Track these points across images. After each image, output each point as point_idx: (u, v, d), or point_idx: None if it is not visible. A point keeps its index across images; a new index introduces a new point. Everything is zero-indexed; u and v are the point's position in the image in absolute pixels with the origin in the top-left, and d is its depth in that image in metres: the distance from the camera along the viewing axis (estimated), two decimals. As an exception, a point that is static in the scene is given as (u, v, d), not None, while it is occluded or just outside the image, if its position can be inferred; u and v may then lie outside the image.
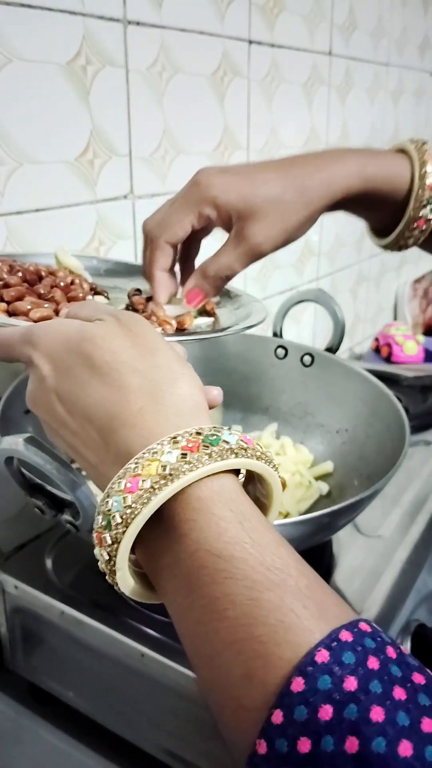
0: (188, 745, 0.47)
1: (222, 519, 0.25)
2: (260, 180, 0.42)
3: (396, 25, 1.26)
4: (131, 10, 0.65)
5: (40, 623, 0.53)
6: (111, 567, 0.26)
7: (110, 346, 0.29)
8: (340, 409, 0.64)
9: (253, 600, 0.23)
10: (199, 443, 0.25)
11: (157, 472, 0.25)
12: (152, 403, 0.27)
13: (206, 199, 0.42)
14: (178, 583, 0.25)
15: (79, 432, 0.29)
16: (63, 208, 0.63)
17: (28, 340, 0.32)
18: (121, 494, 0.25)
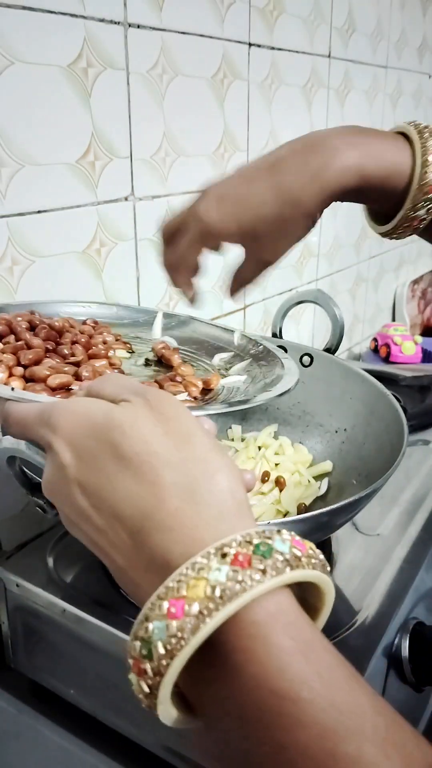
0: (188, 743, 0.48)
1: (283, 650, 0.22)
2: (256, 204, 0.42)
3: (395, 27, 1.26)
4: (132, 13, 0.66)
5: (41, 621, 0.53)
6: (152, 700, 0.23)
7: (141, 435, 0.26)
8: (339, 409, 0.65)
9: (328, 753, 0.20)
10: (250, 556, 0.22)
11: (205, 594, 0.22)
12: (190, 503, 0.24)
13: (209, 236, 0.43)
14: (233, 722, 0.22)
15: (106, 530, 0.26)
16: (64, 209, 0.64)
17: (46, 421, 0.29)
18: (164, 620, 0.22)
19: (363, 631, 0.48)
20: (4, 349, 0.41)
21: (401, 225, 0.45)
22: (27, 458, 0.38)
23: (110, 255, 0.70)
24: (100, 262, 0.69)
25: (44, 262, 0.63)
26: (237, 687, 0.22)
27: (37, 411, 0.30)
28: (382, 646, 0.48)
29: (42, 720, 0.55)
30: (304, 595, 0.25)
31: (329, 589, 0.25)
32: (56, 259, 0.64)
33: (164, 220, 0.47)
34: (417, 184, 0.42)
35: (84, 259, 0.67)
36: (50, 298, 0.59)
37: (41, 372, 0.38)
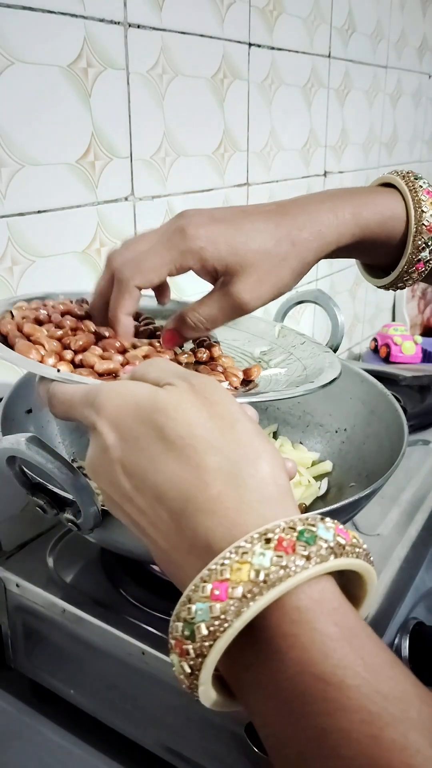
0: (188, 742, 0.48)
1: (327, 636, 0.22)
2: (251, 231, 0.39)
3: (394, 27, 1.26)
4: (132, 13, 0.66)
5: (41, 621, 0.53)
6: (193, 681, 0.23)
7: (185, 418, 0.26)
8: (338, 409, 0.65)
9: (373, 738, 0.20)
10: (294, 542, 0.22)
11: (249, 577, 0.22)
12: (233, 487, 0.24)
13: (191, 251, 0.38)
14: (275, 706, 0.22)
15: (147, 511, 0.26)
16: (64, 209, 0.64)
17: (91, 402, 0.29)
18: (207, 601, 0.22)
19: (363, 631, 0.48)
20: (50, 335, 0.40)
21: (406, 271, 0.44)
22: (27, 458, 0.38)
23: (110, 255, 0.70)
24: (101, 263, 0.69)
25: (44, 262, 0.63)
26: (279, 671, 0.22)
27: (82, 392, 0.30)
28: (382, 646, 0.48)
29: (42, 720, 0.55)
30: (345, 584, 0.25)
31: (372, 579, 0.25)
32: (56, 259, 0.64)
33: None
34: (414, 225, 0.42)
35: (84, 259, 0.67)
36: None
37: (90, 358, 0.37)
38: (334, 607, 0.23)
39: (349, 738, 0.20)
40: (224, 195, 0.86)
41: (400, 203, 0.42)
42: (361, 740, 0.20)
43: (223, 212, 0.40)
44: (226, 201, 0.87)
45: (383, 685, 0.21)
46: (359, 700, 0.21)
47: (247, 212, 0.40)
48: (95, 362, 0.38)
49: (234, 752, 0.44)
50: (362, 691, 0.21)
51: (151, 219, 0.75)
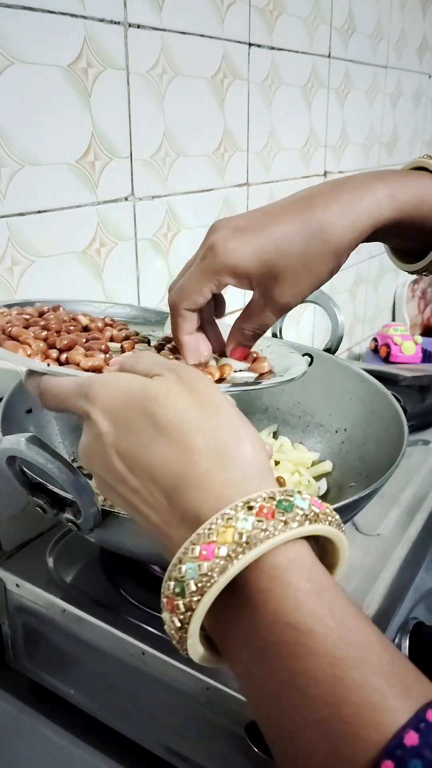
0: (188, 742, 0.48)
1: (300, 590, 0.24)
2: (280, 237, 0.38)
3: (395, 27, 1.26)
4: (132, 13, 0.66)
5: (41, 621, 0.53)
6: (182, 634, 0.25)
7: (174, 405, 0.29)
8: (338, 409, 0.65)
9: (337, 678, 0.22)
10: (274, 509, 0.25)
11: (233, 539, 0.24)
12: (219, 465, 0.27)
13: (224, 269, 0.39)
14: (252, 654, 0.25)
15: (141, 490, 0.28)
16: (64, 209, 0.64)
17: (84, 393, 0.31)
18: (196, 561, 0.24)
19: (363, 631, 0.48)
20: (36, 336, 0.41)
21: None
22: (27, 458, 0.38)
23: (110, 255, 0.70)
24: (100, 262, 0.69)
25: (44, 262, 0.63)
26: (257, 622, 0.24)
27: (74, 384, 0.33)
28: (382, 646, 0.48)
29: (42, 720, 0.55)
30: (321, 554, 0.28)
31: (343, 545, 0.27)
32: (56, 259, 0.64)
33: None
34: None
35: (84, 259, 0.67)
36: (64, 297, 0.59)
37: (75, 356, 0.39)
38: (307, 566, 0.25)
39: (316, 678, 0.23)
40: (224, 195, 0.86)
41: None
42: (327, 680, 0.23)
43: (248, 219, 0.40)
44: (226, 201, 0.87)
45: (348, 633, 0.24)
46: (326, 646, 0.23)
47: (272, 215, 0.40)
48: (80, 360, 0.39)
49: (234, 752, 0.44)
50: (329, 638, 0.23)
51: (151, 219, 0.75)
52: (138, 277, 0.75)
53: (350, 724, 0.22)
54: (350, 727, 0.22)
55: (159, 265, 0.78)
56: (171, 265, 0.79)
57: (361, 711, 0.22)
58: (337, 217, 0.39)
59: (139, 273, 0.75)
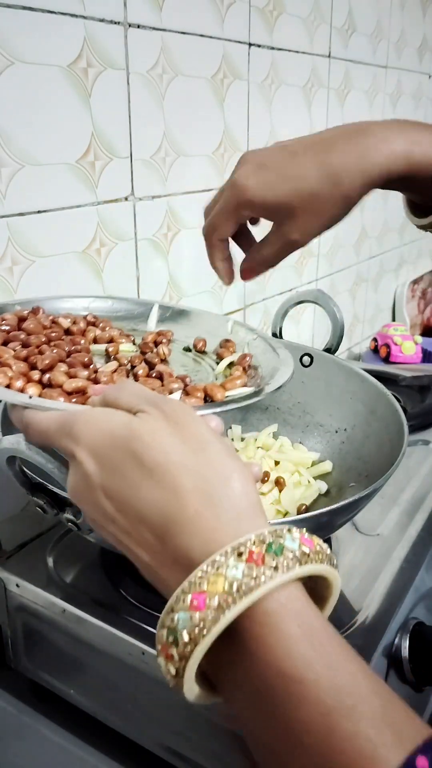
0: (188, 742, 0.48)
1: (290, 637, 0.24)
2: (296, 176, 0.41)
3: (395, 27, 1.26)
4: (132, 13, 0.66)
5: (41, 621, 0.53)
6: (178, 680, 0.26)
7: (160, 445, 0.28)
8: (338, 409, 0.65)
9: (330, 729, 0.23)
10: (263, 554, 0.25)
11: (223, 588, 0.24)
12: (208, 506, 0.27)
13: (243, 203, 0.43)
14: (247, 700, 0.25)
15: (131, 531, 0.28)
16: (64, 209, 0.64)
17: (68, 433, 0.31)
18: (188, 611, 0.24)
19: (363, 631, 0.48)
20: (16, 355, 0.41)
21: None
22: (27, 458, 0.38)
23: (110, 255, 0.70)
24: (100, 262, 0.69)
25: (44, 262, 0.63)
26: (250, 669, 0.25)
27: (57, 422, 0.32)
28: (382, 646, 0.48)
29: (42, 720, 0.55)
30: (314, 585, 0.27)
31: (335, 580, 0.27)
32: (56, 259, 0.64)
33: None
34: None
35: (84, 259, 0.67)
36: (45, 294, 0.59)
37: (58, 378, 0.38)
38: (298, 610, 0.25)
39: (309, 729, 0.23)
40: (224, 195, 0.86)
41: None
42: (320, 731, 0.23)
43: (272, 156, 0.43)
44: (226, 201, 0.87)
45: (339, 679, 0.24)
46: (318, 695, 0.23)
47: (294, 154, 0.42)
48: (63, 381, 0.38)
49: (234, 752, 0.44)
50: (320, 686, 0.23)
51: (151, 219, 0.75)
52: (138, 277, 0.75)
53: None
54: None
55: (159, 265, 0.78)
56: (171, 264, 0.79)
57: (354, 761, 0.22)
58: (352, 163, 0.40)
59: (139, 273, 0.75)
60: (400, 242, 1.51)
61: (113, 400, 0.32)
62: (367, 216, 1.33)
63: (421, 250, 1.67)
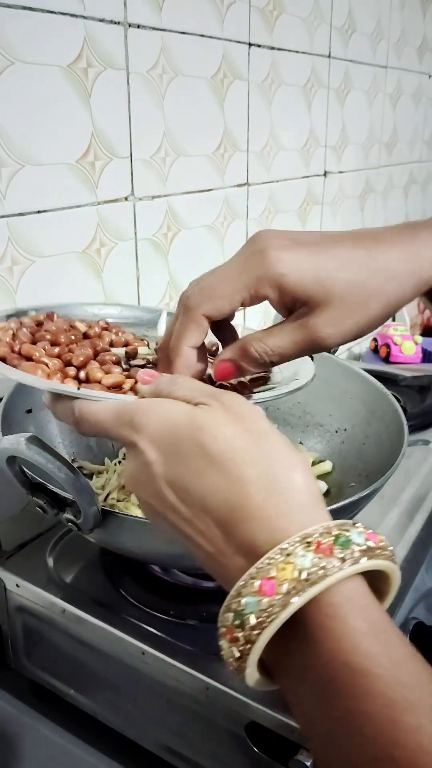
0: (188, 742, 0.48)
1: (357, 630, 0.25)
2: (339, 259, 0.34)
3: (395, 27, 1.26)
4: (132, 13, 0.66)
5: (41, 621, 0.53)
6: (241, 664, 0.26)
7: (224, 435, 0.28)
8: (338, 409, 0.65)
9: (392, 721, 0.23)
10: (332, 546, 0.26)
11: (292, 576, 0.25)
12: (273, 496, 0.27)
13: (270, 277, 0.33)
14: (309, 688, 0.26)
15: (193, 520, 0.28)
16: (64, 209, 0.64)
17: (128, 422, 0.31)
18: (256, 595, 0.25)
19: (363, 631, 0.48)
20: (48, 353, 0.40)
21: None
22: (27, 458, 0.38)
23: (110, 255, 0.70)
24: (100, 262, 0.69)
25: (44, 262, 0.63)
26: (314, 658, 0.25)
27: (115, 412, 0.32)
28: (382, 646, 0.48)
29: (42, 720, 0.55)
30: (372, 580, 0.28)
31: (396, 576, 0.28)
32: (56, 259, 0.64)
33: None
34: None
35: (84, 259, 0.67)
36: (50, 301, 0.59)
37: (96, 373, 0.38)
38: (363, 604, 0.26)
39: (371, 720, 0.23)
40: (224, 195, 0.86)
41: None
42: (383, 722, 0.23)
43: (307, 235, 0.35)
44: (226, 201, 0.87)
45: (403, 675, 0.24)
46: (382, 687, 0.24)
47: (334, 237, 0.35)
48: (101, 377, 0.38)
49: (234, 752, 0.44)
50: (385, 680, 0.24)
51: (151, 219, 0.75)
52: (138, 277, 0.75)
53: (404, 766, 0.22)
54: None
55: (159, 265, 0.78)
56: (171, 264, 0.79)
57: (416, 755, 0.22)
58: (402, 257, 0.34)
59: (139, 273, 0.75)
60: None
61: (168, 393, 0.32)
62: (368, 216, 1.33)
63: (421, 250, 1.66)
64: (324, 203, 1.14)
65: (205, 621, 0.49)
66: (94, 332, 0.47)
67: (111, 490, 0.59)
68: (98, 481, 0.61)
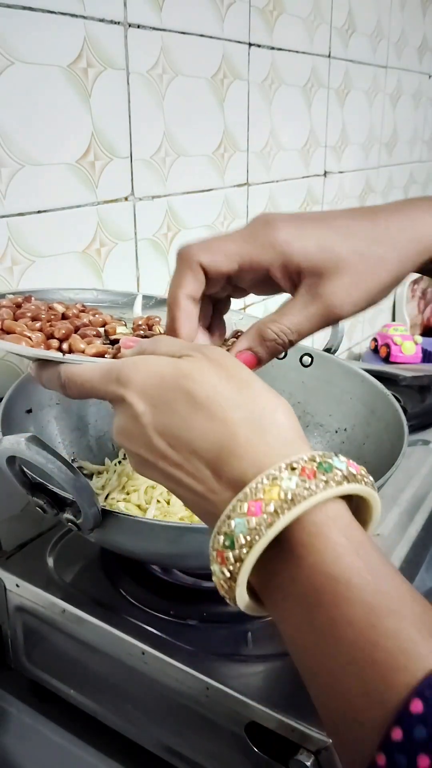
0: (188, 742, 0.48)
1: (338, 545, 0.26)
2: (344, 228, 0.34)
3: (395, 27, 1.26)
4: (132, 13, 0.66)
5: (41, 621, 0.53)
6: (231, 583, 0.27)
7: (209, 381, 0.30)
8: (339, 409, 0.65)
9: (372, 625, 0.24)
10: (315, 470, 0.27)
11: (279, 496, 0.26)
12: (258, 434, 0.28)
13: (273, 244, 0.34)
14: (294, 602, 0.27)
15: (183, 463, 0.30)
16: (64, 209, 0.64)
17: (116, 378, 0.32)
18: (244, 516, 0.26)
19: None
20: (30, 327, 0.41)
21: None
22: (27, 458, 0.38)
23: (110, 255, 0.70)
24: (100, 262, 0.69)
25: (44, 262, 0.63)
26: (299, 573, 0.26)
27: (101, 370, 0.33)
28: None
29: (42, 720, 0.55)
30: (354, 511, 0.29)
31: (376, 503, 0.29)
32: (56, 259, 0.64)
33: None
34: None
35: (84, 259, 0.67)
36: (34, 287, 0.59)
37: (78, 344, 0.38)
38: (345, 523, 0.27)
39: (352, 625, 0.24)
40: (224, 195, 0.86)
41: None
42: (363, 627, 0.24)
43: (310, 213, 0.36)
44: (226, 201, 0.87)
45: (383, 585, 0.25)
46: (362, 596, 0.25)
47: (334, 212, 0.36)
48: (84, 347, 0.38)
49: (234, 752, 0.44)
50: (365, 589, 0.25)
51: (151, 219, 0.75)
52: (138, 277, 0.75)
53: (383, 668, 0.24)
54: (383, 670, 0.24)
55: (159, 265, 0.78)
56: (171, 264, 0.79)
57: (394, 656, 0.24)
58: (404, 228, 0.35)
59: (139, 273, 0.75)
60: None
61: (152, 351, 0.33)
62: (367, 216, 1.33)
63: (421, 250, 1.66)
64: (324, 203, 1.14)
65: (205, 621, 0.49)
66: (72, 313, 0.47)
67: (111, 490, 0.59)
68: (98, 481, 0.61)
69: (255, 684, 0.44)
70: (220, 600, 0.27)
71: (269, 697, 0.42)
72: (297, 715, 0.41)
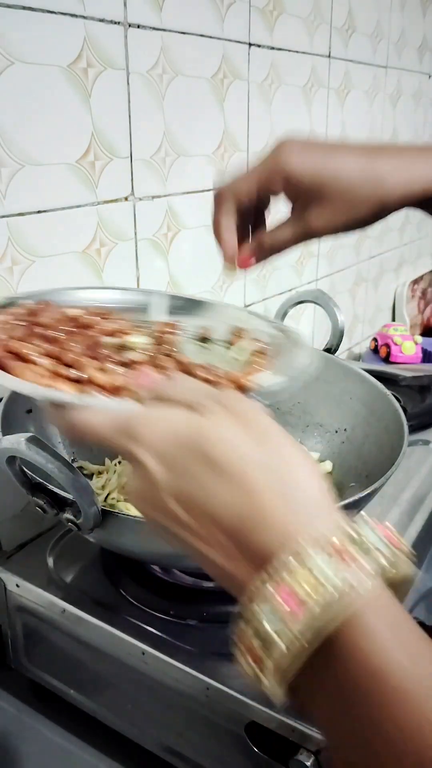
0: (188, 742, 0.48)
1: (378, 634, 0.24)
2: (341, 160, 0.41)
3: (395, 27, 1.26)
4: (132, 13, 0.66)
5: (41, 621, 0.53)
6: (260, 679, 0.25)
7: (230, 443, 0.28)
8: (338, 409, 0.65)
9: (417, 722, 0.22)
10: (355, 556, 0.24)
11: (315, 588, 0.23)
12: (282, 500, 0.26)
13: (280, 170, 0.41)
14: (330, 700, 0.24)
15: (202, 534, 0.27)
16: (64, 209, 0.64)
17: (127, 433, 0.30)
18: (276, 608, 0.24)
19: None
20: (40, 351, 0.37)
21: None
22: (27, 458, 0.38)
23: (110, 255, 0.70)
24: (100, 262, 0.69)
25: (44, 262, 0.63)
26: (336, 668, 0.24)
27: (113, 422, 0.31)
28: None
29: (42, 720, 0.55)
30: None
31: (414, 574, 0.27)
32: (56, 259, 0.64)
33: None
34: None
35: (84, 259, 0.67)
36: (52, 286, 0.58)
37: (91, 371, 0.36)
38: (383, 605, 0.25)
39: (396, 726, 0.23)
40: (224, 195, 0.86)
41: None
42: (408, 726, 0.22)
43: (318, 142, 0.42)
44: (226, 201, 0.87)
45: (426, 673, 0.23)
46: (405, 690, 0.23)
47: (342, 147, 0.42)
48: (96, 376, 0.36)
49: (234, 752, 0.44)
50: (408, 682, 0.23)
51: (151, 219, 0.75)
52: (138, 278, 0.75)
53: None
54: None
55: (159, 265, 0.78)
56: (171, 264, 0.79)
57: None
58: (397, 170, 0.40)
59: (139, 273, 0.75)
60: (400, 242, 1.51)
61: (168, 397, 0.31)
62: (367, 216, 1.33)
63: (421, 250, 1.67)
64: (324, 203, 1.14)
65: (205, 621, 0.49)
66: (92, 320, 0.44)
67: (111, 490, 0.59)
68: (98, 481, 0.61)
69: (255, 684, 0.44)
70: (220, 600, 0.27)
71: (269, 698, 0.42)
72: (297, 715, 0.41)
